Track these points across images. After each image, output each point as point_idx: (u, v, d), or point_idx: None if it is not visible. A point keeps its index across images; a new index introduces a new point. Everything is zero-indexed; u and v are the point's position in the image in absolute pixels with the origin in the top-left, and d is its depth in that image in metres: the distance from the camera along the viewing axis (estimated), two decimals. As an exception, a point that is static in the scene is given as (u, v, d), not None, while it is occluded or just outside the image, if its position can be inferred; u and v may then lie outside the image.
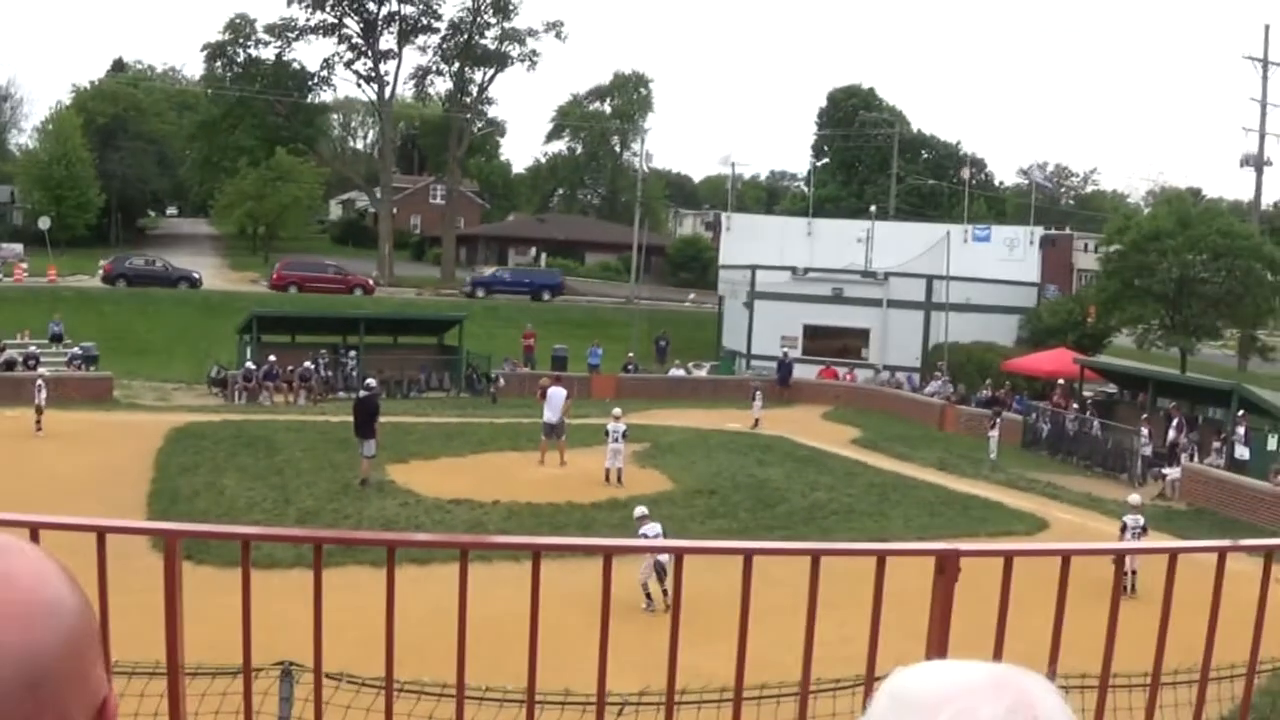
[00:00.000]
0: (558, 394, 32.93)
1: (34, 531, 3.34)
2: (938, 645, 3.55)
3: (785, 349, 55.54)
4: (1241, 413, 35.91)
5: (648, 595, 18.82)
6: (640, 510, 20.99)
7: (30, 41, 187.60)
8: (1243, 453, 35.03)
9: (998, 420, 39.06)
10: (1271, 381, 54.69)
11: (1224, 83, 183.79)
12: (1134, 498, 24.35)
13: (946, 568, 3.57)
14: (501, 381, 48.43)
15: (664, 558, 18.32)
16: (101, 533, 3.45)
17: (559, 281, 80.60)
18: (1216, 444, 36.00)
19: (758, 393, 44.65)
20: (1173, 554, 4.04)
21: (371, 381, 33.80)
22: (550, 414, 32.59)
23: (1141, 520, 22.30)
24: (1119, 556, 6.22)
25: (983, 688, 1.30)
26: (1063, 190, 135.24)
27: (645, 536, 19.65)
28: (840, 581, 5.00)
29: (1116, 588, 3.99)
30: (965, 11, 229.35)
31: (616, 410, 32.26)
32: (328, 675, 3.91)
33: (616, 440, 30.01)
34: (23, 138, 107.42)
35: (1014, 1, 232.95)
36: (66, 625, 1.31)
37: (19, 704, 1.24)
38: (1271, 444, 35.57)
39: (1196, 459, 35.42)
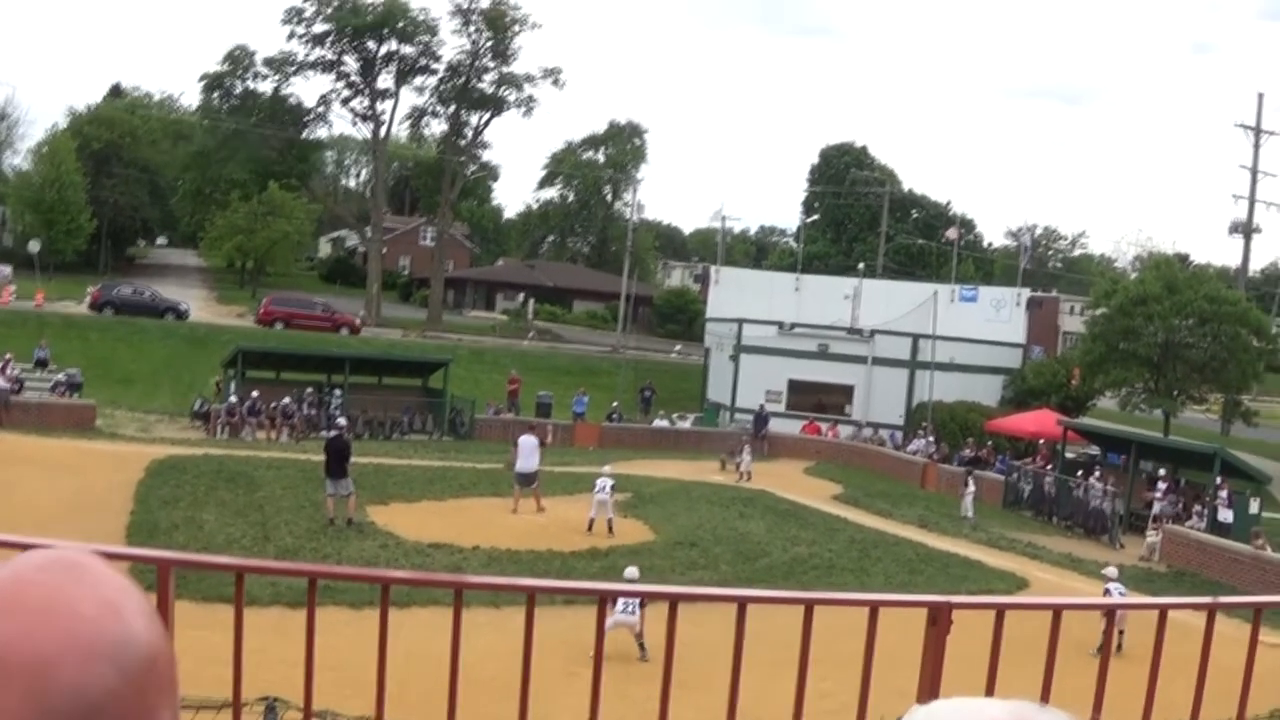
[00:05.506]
0: (529, 442, 32.42)
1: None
2: (929, 699, 3.51)
3: (763, 402, 55.58)
4: (1220, 478, 36.09)
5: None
6: (631, 572, 20.47)
7: (29, 61, 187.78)
8: (1226, 515, 35.18)
9: (970, 479, 39.12)
10: (1253, 446, 55.06)
11: (1214, 150, 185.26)
12: (1110, 570, 24.07)
13: (939, 619, 3.56)
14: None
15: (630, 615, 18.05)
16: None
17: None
18: (1198, 507, 36.11)
19: (746, 446, 44.66)
20: (1162, 610, 4.04)
21: (342, 421, 33.56)
22: (524, 462, 32.07)
23: (1122, 588, 22.21)
24: (1109, 612, 6.20)
25: None
26: (1049, 253, 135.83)
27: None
28: (821, 635, 4.97)
29: (1108, 642, 3.97)
30: (960, 74, 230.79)
31: (607, 467, 32.04)
32: (314, 713, 3.87)
33: (603, 492, 29.58)
34: (17, 159, 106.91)
35: (1009, 67, 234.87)
36: (133, 662, 1.24)
37: None
38: (1253, 507, 35.84)
39: (1178, 523, 35.52)
